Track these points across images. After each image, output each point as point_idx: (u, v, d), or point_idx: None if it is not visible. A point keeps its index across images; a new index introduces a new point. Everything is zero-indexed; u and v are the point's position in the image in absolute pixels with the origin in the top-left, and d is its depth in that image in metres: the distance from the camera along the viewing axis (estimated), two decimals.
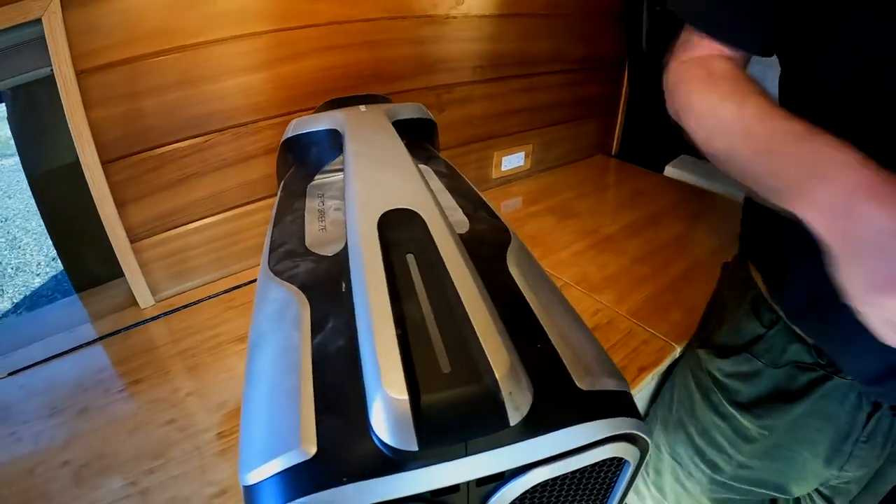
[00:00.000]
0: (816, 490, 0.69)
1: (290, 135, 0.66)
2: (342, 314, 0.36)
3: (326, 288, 0.40)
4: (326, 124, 0.60)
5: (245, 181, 0.88)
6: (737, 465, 0.68)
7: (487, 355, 0.29)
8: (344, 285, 0.38)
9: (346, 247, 0.41)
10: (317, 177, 0.60)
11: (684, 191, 1.32)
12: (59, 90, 0.67)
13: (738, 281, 0.67)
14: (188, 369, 0.72)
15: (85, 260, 0.91)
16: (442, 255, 0.36)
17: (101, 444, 0.61)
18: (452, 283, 0.34)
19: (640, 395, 0.82)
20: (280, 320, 0.38)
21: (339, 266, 0.41)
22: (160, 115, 0.76)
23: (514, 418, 0.27)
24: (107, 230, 0.77)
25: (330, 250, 0.45)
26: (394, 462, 0.27)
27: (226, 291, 0.88)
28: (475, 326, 0.30)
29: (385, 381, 0.27)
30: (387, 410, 0.26)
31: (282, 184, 0.63)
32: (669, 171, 1.41)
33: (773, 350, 0.61)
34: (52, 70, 0.66)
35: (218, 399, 0.67)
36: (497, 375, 0.28)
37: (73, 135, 0.70)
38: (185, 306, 0.84)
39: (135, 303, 0.84)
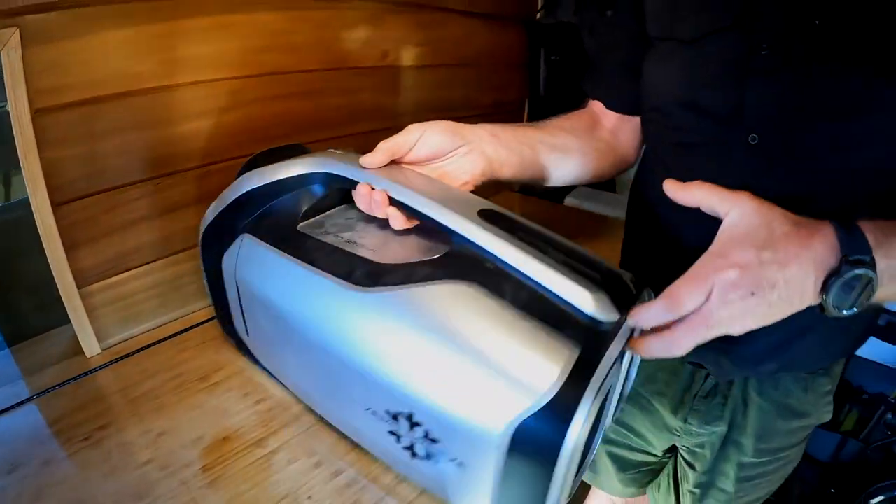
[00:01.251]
0: (682, 455, 0.83)
1: (251, 187, 0.65)
2: (510, 279, 0.48)
3: (474, 272, 0.49)
4: (306, 169, 0.64)
5: (190, 225, 0.89)
6: None
7: (610, 268, 0.51)
8: (489, 264, 0.49)
9: (455, 244, 0.52)
10: (304, 220, 0.64)
11: (582, 216, 1.51)
12: (14, 129, 0.66)
13: None
14: (154, 410, 0.71)
15: (18, 311, 0.86)
16: (537, 229, 0.54)
17: (75, 493, 0.60)
18: (554, 240, 0.53)
19: None
20: (468, 304, 0.48)
21: (463, 256, 0.51)
22: (115, 158, 0.77)
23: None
24: (55, 275, 0.75)
25: (430, 255, 0.54)
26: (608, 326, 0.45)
27: (177, 334, 0.88)
28: (587, 260, 0.51)
29: (585, 294, 0.45)
30: (597, 304, 0.45)
31: (245, 236, 0.64)
32: (569, 200, 1.59)
33: None
34: (4, 107, 0.65)
35: (193, 435, 0.67)
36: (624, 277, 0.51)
37: (25, 176, 0.69)
38: (137, 351, 0.83)
39: (80, 351, 0.81)
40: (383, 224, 0.59)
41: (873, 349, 1.41)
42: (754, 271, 0.41)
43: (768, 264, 0.41)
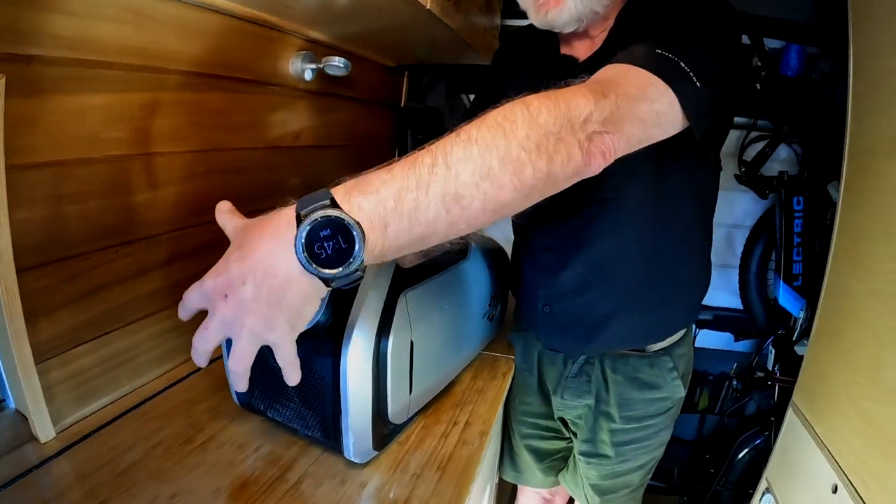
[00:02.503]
0: (570, 429, 1.07)
1: None
2: None
3: None
4: None
5: (144, 293, 0.89)
6: (519, 402, 1.09)
7: None
8: None
9: None
10: None
11: None
12: None
13: None
14: (152, 478, 0.69)
15: None
16: None
17: None
18: None
19: None
20: None
21: None
22: (80, 223, 0.76)
23: None
24: (13, 350, 0.69)
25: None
26: None
27: (136, 406, 0.85)
28: None
29: None
30: None
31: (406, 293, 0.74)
32: None
33: (519, 320, 1.09)
34: None
35: (209, 489, 0.68)
36: None
37: None
38: (97, 430, 0.79)
39: (31, 437, 0.75)
40: None
41: (708, 339, 1.80)
42: (222, 272, 0.44)
43: (234, 262, 0.43)
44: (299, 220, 0.41)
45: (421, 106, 1.67)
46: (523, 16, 0.81)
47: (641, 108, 0.54)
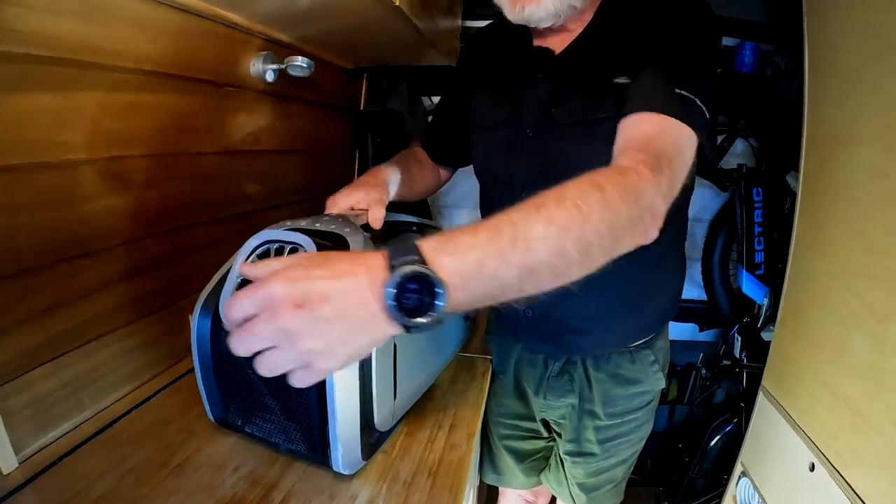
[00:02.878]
0: (553, 429, 1.06)
1: None
2: None
3: None
4: None
5: (104, 310, 0.83)
6: (496, 403, 1.06)
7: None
8: None
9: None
10: None
11: None
12: None
13: None
14: None
15: None
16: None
17: None
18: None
19: None
20: None
21: None
22: (32, 235, 0.69)
23: None
24: None
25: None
26: None
27: (103, 430, 0.79)
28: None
29: None
30: None
31: None
32: None
33: (495, 323, 1.06)
34: None
35: None
36: None
37: None
38: (63, 456, 0.73)
39: None
40: None
41: (673, 330, 1.81)
42: (302, 283, 0.41)
43: (318, 279, 0.42)
44: (391, 268, 0.42)
45: (381, 109, 1.63)
46: (484, 17, 0.82)
47: (681, 165, 0.60)
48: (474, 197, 0.97)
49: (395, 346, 0.67)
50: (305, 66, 1.04)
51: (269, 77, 1.09)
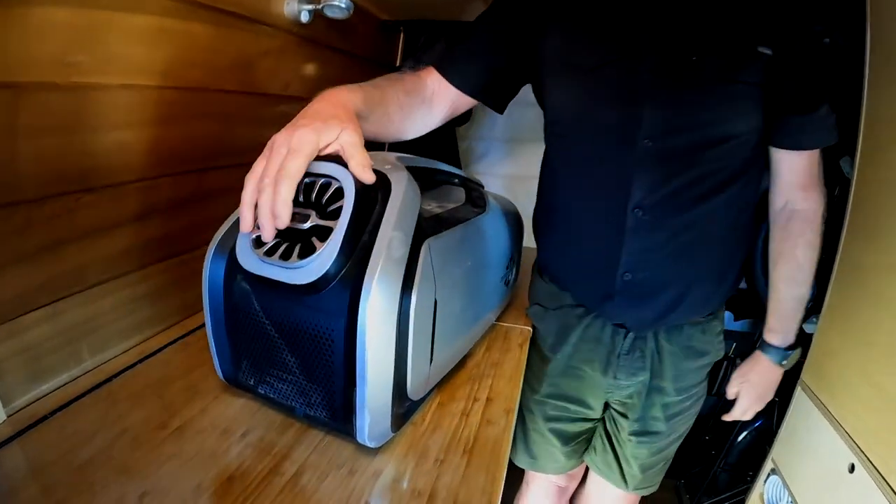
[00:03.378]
0: (614, 409, 0.95)
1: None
2: None
3: None
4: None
5: (109, 253, 0.74)
6: (546, 384, 0.94)
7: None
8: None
9: None
10: None
11: None
12: None
13: (536, 259, 0.97)
14: (118, 472, 0.55)
15: None
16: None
17: None
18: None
19: None
20: None
21: None
22: (35, 163, 0.61)
23: None
24: None
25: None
26: None
27: (101, 384, 0.70)
28: None
29: None
30: None
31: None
32: None
33: (550, 297, 0.91)
34: None
35: (187, 486, 0.53)
36: None
37: None
38: (56, 411, 0.64)
39: None
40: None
41: None
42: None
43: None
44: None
45: (417, 67, 1.52)
46: None
47: None
48: (506, 165, 0.86)
49: (435, 301, 0.57)
50: (344, 6, 0.94)
51: (304, 17, 0.98)
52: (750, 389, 0.90)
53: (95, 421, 0.63)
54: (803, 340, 1.47)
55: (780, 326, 0.85)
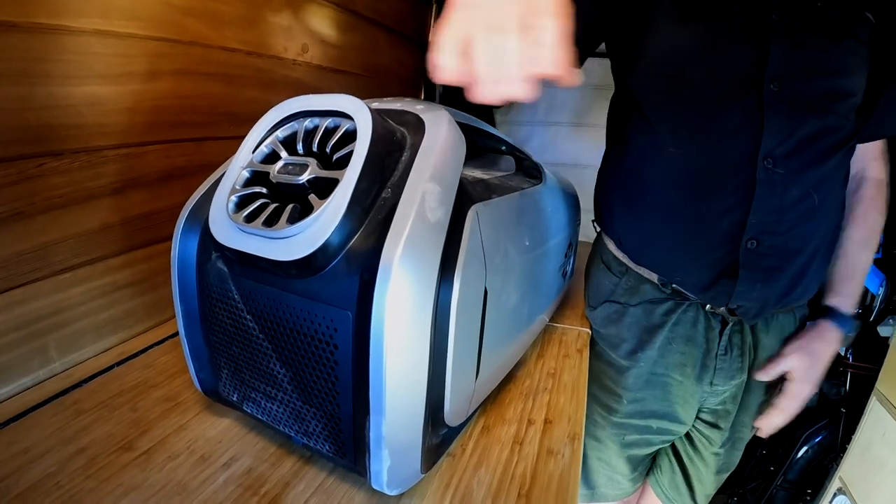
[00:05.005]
0: (701, 419, 0.77)
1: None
2: None
3: None
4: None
5: (80, 232, 0.58)
6: (626, 401, 0.75)
7: None
8: None
9: None
10: None
11: None
12: None
13: (595, 250, 0.80)
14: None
15: None
16: None
17: None
18: None
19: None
20: None
21: None
22: None
23: None
24: None
25: None
26: None
27: (65, 392, 0.53)
28: None
29: None
30: None
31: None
32: None
33: (627, 292, 0.73)
34: None
35: None
36: None
37: None
38: (7, 423, 0.48)
39: None
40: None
41: None
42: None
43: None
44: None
45: None
46: None
47: None
48: (549, 152, 0.67)
49: (485, 291, 0.38)
50: None
51: None
52: (809, 365, 0.69)
53: (51, 436, 0.47)
54: (878, 344, 1.26)
55: (849, 291, 0.71)
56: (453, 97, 1.42)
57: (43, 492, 0.41)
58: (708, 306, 0.68)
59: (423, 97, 1.46)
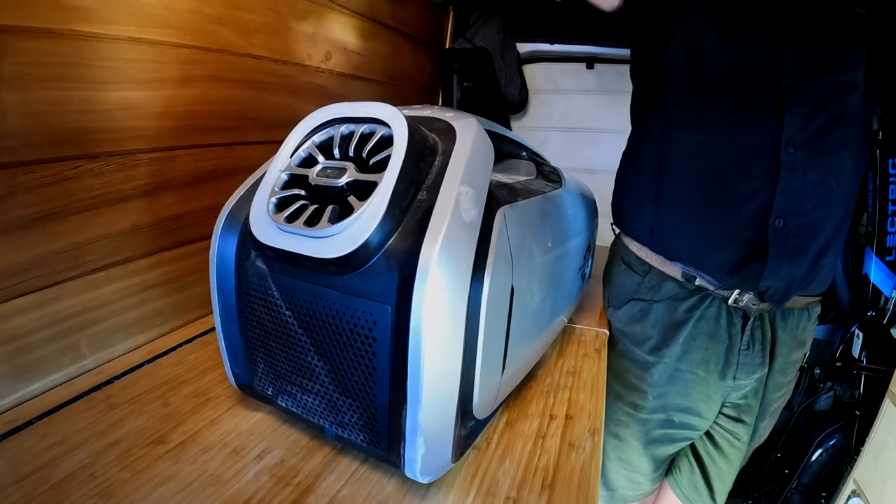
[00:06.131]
0: (724, 414, 0.78)
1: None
2: None
3: None
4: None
5: (112, 233, 0.60)
6: (651, 396, 0.76)
7: None
8: None
9: None
10: None
11: None
12: None
13: (615, 252, 0.83)
14: (100, 496, 0.41)
15: None
16: None
17: None
18: None
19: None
20: None
21: None
22: (24, 118, 0.48)
23: None
24: None
25: None
26: None
27: (97, 388, 0.56)
28: None
29: None
30: None
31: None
32: None
33: (651, 290, 0.75)
34: None
35: None
36: None
37: None
38: (41, 417, 0.50)
39: None
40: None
41: None
42: None
43: None
44: None
45: (469, 47, 1.36)
46: None
47: None
48: (566, 158, 0.70)
49: (511, 289, 0.40)
50: None
51: None
52: None
53: (84, 429, 0.49)
54: (892, 346, 1.27)
55: None
56: (470, 104, 1.44)
57: (79, 482, 0.43)
58: (731, 300, 0.69)
59: (440, 103, 1.48)
